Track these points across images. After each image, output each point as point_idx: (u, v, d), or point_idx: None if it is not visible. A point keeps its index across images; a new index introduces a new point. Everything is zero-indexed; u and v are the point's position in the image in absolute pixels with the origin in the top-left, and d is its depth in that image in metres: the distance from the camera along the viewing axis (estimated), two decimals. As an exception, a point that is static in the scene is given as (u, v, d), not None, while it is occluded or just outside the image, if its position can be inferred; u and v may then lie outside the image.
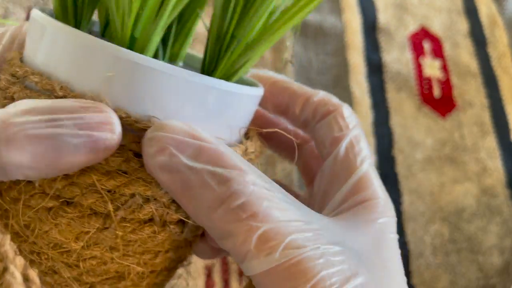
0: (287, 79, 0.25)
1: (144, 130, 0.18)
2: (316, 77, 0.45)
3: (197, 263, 0.36)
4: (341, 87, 0.45)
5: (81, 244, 0.19)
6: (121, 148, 0.18)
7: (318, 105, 0.23)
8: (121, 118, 0.17)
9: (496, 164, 0.44)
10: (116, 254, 0.20)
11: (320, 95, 0.24)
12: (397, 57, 0.45)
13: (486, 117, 0.45)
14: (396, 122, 0.44)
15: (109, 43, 0.18)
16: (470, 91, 0.45)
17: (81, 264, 0.20)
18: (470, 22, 0.47)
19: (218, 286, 0.35)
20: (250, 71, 0.25)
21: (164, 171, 0.17)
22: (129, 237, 0.19)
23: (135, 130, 0.18)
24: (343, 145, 0.22)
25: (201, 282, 0.35)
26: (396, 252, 0.20)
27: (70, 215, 0.19)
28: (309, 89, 0.24)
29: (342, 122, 0.23)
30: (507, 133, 0.44)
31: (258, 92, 0.21)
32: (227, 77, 0.21)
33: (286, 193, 0.19)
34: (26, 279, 0.27)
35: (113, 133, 0.17)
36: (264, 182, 0.18)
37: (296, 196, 0.25)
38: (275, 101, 0.24)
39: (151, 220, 0.19)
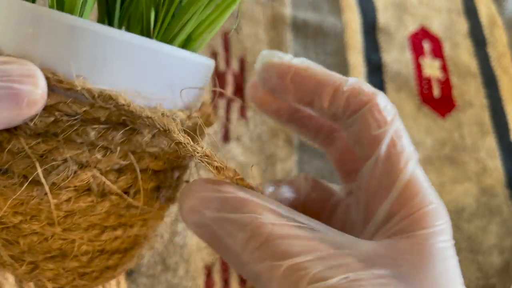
0: (310, 64, 0.22)
1: (72, 90, 0.17)
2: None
3: (197, 263, 0.36)
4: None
5: (20, 218, 0.19)
6: (49, 108, 0.18)
7: (350, 96, 0.20)
8: (47, 78, 0.17)
9: (496, 164, 0.44)
10: (58, 229, 0.19)
11: (350, 83, 0.20)
12: (397, 57, 0.45)
13: (485, 117, 0.45)
14: (396, 122, 0.45)
15: (32, 4, 0.18)
16: (469, 91, 0.45)
17: (21, 241, 0.20)
18: (470, 22, 0.47)
19: (218, 285, 0.35)
20: (268, 55, 0.23)
21: (196, 226, 0.18)
22: (66, 207, 0.19)
23: (63, 90, 0.18)
24: (384, 146, 0.19)
25: (201, 281, 0.35)
26: (451, 263, 0.18)
27: (3, 182, 0.18)
28: (336, 76, 0.21)
29: (379, 115, 0.20)
30: (507, 133, 0.44)
31: (198, 59, 0.20)
32: (168, 40, 0.20)
33: (310, 219, 0.18)
34: (18, 280, 0.27)
35: (36, 86, 0.16)
36: (284, 218, 0.17)
37: (331, 193, 0.24)
38: (299, 93, 0.21)
39: (89, 189, 0.19)
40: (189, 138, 0.19)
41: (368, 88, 0.21)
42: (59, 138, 0.18)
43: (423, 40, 0.46)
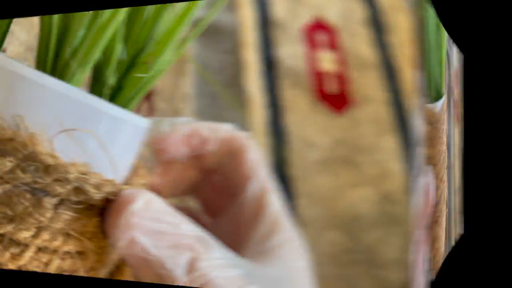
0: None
1: None
2: (214, 76, 0.44)
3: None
4: (236, 86, 0.44)
5: None
6: None
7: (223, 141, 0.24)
8: None
9: (397, 167, 0.39)
10: None
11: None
12: (291, 52, 0.43)
13: (386, 113, 0.40)
14: (290, 120, 0.42)
15: None
16: (368, 85, 0.40)
17: None
18: (369, 8, 0.42)
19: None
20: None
21: (129, 255, 0.19)
22: None
23: None
24: (250, 187, 0.23)
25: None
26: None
27: None
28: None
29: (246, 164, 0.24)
30: (410, 132, 0.39)
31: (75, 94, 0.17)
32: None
33: (230, 254, 0.21)
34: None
35: None
36: (213, 251, 0.20)
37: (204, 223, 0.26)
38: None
39: None
40: (60, 158, 0.16)
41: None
42: None
43: (317, 32, 0.43)
